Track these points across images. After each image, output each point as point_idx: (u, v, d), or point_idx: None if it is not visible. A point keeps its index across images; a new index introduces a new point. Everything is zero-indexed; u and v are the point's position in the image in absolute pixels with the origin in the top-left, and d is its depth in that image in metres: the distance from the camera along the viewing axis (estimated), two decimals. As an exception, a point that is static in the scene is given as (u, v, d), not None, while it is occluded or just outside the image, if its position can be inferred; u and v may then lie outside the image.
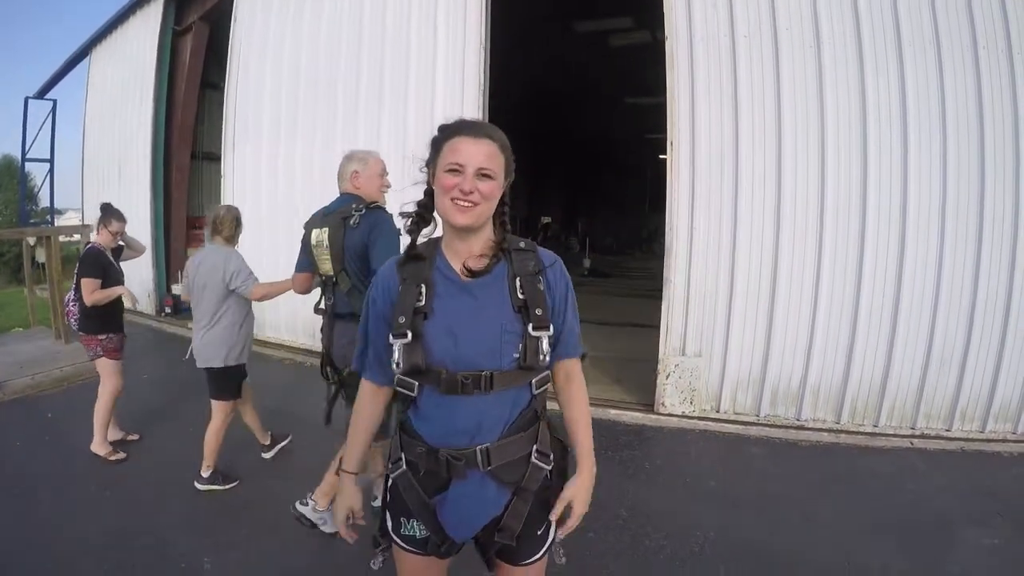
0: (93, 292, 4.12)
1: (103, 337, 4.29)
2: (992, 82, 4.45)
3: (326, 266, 2.94)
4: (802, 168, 4.77)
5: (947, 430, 4.73)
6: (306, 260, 3.11)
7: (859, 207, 4.68)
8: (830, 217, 4.74)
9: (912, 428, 4.77)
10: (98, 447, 4.27)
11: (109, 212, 4.37)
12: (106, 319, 4.30)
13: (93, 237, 4.47)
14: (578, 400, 1.67)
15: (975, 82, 4.47)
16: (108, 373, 4.34)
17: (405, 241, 1.56)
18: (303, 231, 3.10)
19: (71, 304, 4.41)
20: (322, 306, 3.06)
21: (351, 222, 2.81)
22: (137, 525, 3.33)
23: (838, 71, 4.67)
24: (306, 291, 3.31)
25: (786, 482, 4.02)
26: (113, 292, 4.22)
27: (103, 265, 4.23)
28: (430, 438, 1.48)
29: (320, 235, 2.95)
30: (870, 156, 4.63)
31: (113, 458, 4.23)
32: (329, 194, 3.15)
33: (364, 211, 2.83)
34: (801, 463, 4.36)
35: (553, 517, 1.57)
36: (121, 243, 4.54)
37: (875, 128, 4.62)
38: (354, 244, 2.79)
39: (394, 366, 1.47)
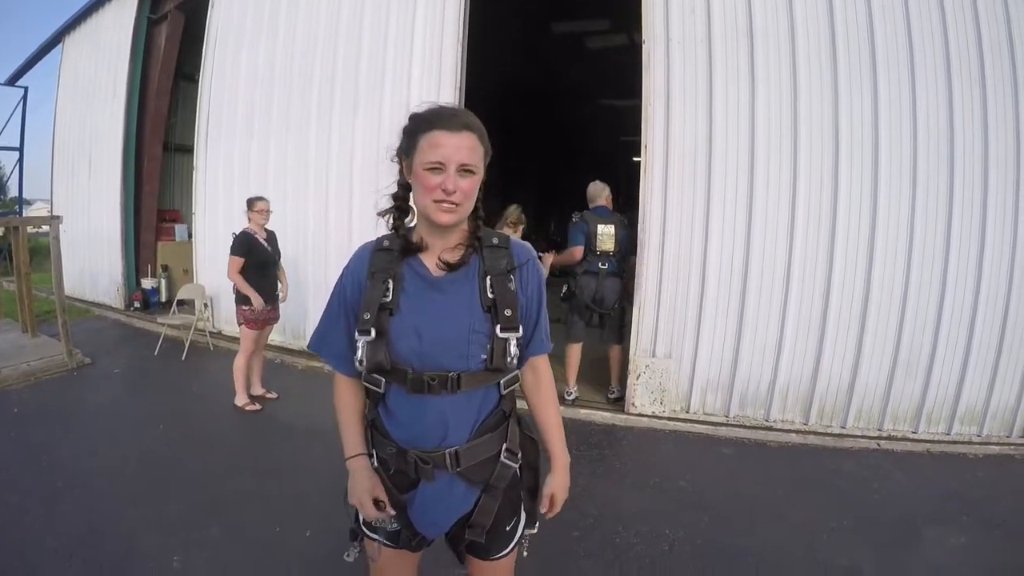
0: (234, 271, 4.75)
1: (246, 308, 4.89)
2: (963, 98, 4.52)
3: (607, 245, 5.19)
4: (774, 174, 4.81)
5: (913, 432, 4.81)
6: (582, 239, 5.22)
7: (829, 211, 4.73)
8: (801, 222, 4.78)
9: (879, 430, 4.84)
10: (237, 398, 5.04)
11: (251, 199, 5.00)
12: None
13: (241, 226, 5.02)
14: (547, 401, 1.67)
15: (947, 98, 4.54)
16: (242, 338, 4.99)
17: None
18: (586, 223, 5.24)
19: None
20: (593, 269, 5.23)
21: (625, 223, 5.32)
22: (104, 524, 3.25)
23: (812, 77, 4.72)
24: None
25: (755, 482, 4.07)
26: (247, 290, 4.78)
27: (249, 245, 4.84)
28: (399, 439, 1.47)
29: (606, 228, 5.21)
30: (841, 162, 4.68)
31: (249, 408, 4.98)
32: (302, 190, 3.13)
33: (628, 219, 5.35)
34: (770, 463, 4.42)
35: (546, 512, 1.64)
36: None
37: (847, 135, 4.67)
38: (624, 236, 5.28)
39: (358, 364, 1.45)
